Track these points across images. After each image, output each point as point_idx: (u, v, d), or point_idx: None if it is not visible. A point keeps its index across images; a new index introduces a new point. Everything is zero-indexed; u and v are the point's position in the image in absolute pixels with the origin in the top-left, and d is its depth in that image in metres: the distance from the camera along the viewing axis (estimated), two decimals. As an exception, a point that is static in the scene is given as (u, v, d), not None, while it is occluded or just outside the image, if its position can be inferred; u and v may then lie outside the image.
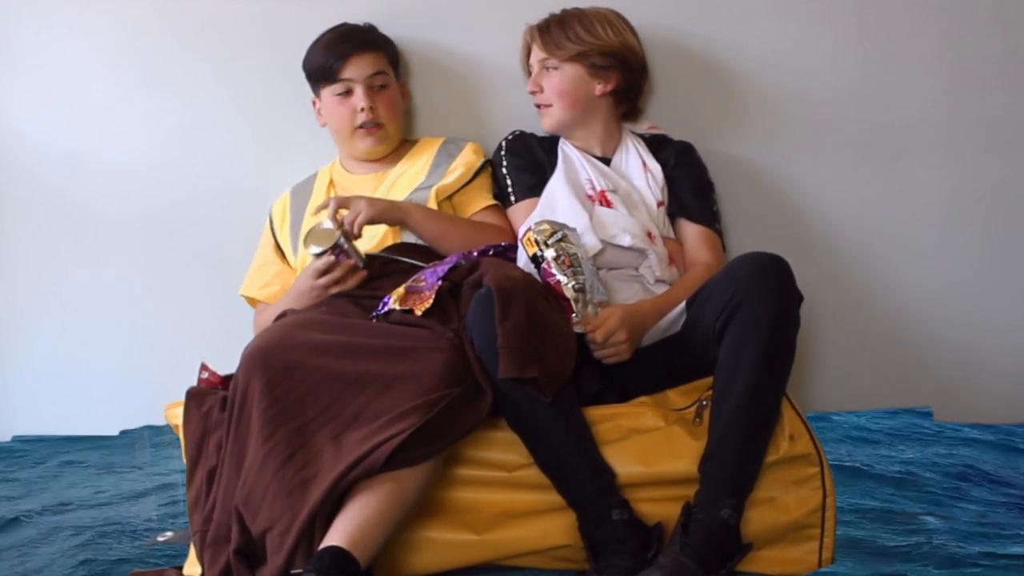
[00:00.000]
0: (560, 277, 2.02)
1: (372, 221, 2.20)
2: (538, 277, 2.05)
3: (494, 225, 2.32)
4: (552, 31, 2.31)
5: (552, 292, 2.03)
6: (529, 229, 2.08)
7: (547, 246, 2.04)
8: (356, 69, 2.34)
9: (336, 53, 2.33)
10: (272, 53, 2.52)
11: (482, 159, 2.39)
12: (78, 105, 2.58)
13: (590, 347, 2.05)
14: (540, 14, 2.36)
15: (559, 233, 2.06)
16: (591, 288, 2.05)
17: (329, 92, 2.36)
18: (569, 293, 2.02)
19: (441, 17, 2.51)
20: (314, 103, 2.42)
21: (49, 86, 2.58)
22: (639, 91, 2.41)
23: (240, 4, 2.53)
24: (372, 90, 2.34)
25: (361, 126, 2.35)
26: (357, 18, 2.42)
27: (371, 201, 2.21)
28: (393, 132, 2.39)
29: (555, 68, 2.31)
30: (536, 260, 2.05)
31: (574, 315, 2.02)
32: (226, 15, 2.55)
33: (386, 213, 2.21)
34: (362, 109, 2.33)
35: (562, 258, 2.03)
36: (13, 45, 2.59)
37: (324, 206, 2.21)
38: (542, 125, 2.37)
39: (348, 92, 2.34)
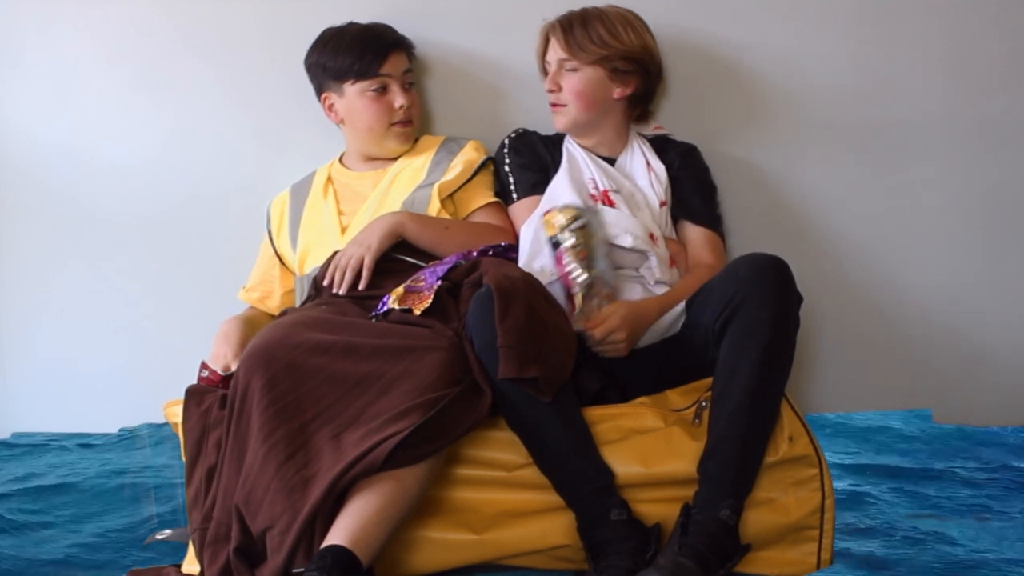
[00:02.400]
0: (570, 268, 2.02)
1: (378, 255, 2.18)
2: (554, 286, 2.04)
3: (492, 225, 2.31)
4: (575, 31, 2.28)
5: (559, 272, 2.02)
6: (553, 209, 2.05)
7: (566, 231, 2.03)
8: (393, 66, 2.34)
9: (374, 49, 2.33)
10: (273, 53, 2.52)
11: (483, 156, 2.39)
12: (78, 105, 2.59)
13: (587, 341, 2.05)
14: (545, 13, 2.35)
15: (582, 219, 2.04)
16: (604, 276, 2.05)
17: (359, 89, 2.34)
18: (575, 287, 2.02)
19: (443, 16, 2.51)
20: (324, 100, 2.40)
21: (50, 86, 2.59)
22: (654, 94, 2.39)
23: (241, 4, 2.54)
24: (405, 88, 2.36)
25: (396, 123, 2.35)
26: (359, 18, 2.41)
27: (367, 244, 2.18)
28: (417, 130, 2.42)
29: (575, 69, 2.29)
30: (553, 242, 2.04)
31: (576, 311, 2.02)
32: (227, 15, 2.55)
33: (385, 241, 2.20)
34: (400, 106, 2.34)
35: (579, 248, 2.02)
36: (14, 45, 2.59)
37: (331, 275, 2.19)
38: (555, 124, 2.35)
39: (383, 89, 2.34)
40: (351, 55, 2.33)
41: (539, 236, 2.12)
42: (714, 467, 1.89)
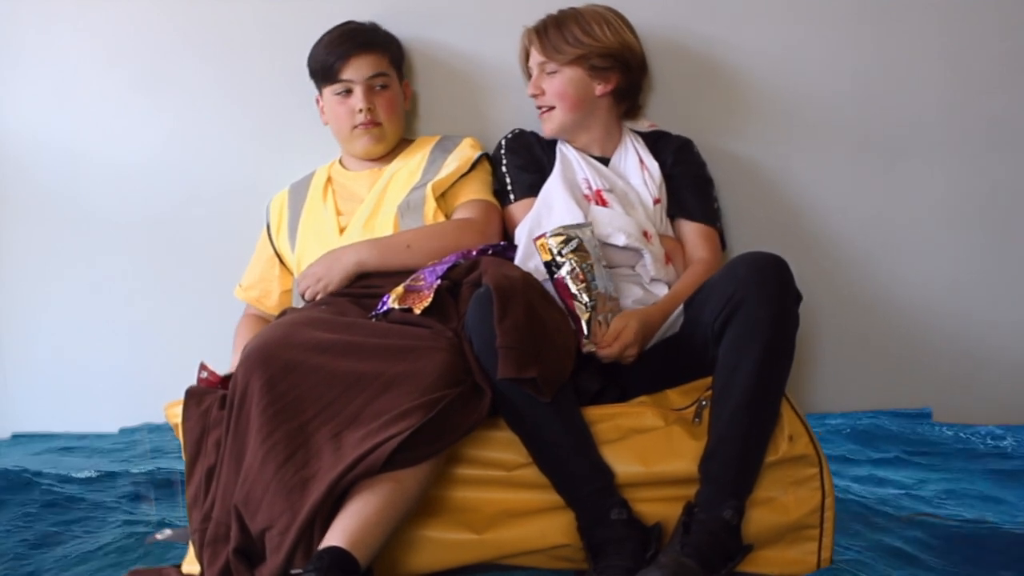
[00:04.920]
0: (573, 292, 2.03)
1: (335, 292, 2.21)
2: (549, 284, 2.05)
3: (460, 221, 2.29)
4: (550, 34, 2.30)
5: (561, 299, 2.03)
6: (543, 235, 2.06)
7: (561, 256, 2.03)
8: (356, 70, 2.34)
9: (336, 53, 2.34)
10: (273, 52, 2.53)
11: (478, 152, 2.39)
12: (79, 105, 2.59)
13: (597, 354, 2.05)
14: (543, 13, 2.36)
15: (574, 241, 2.04)
16: (606, 291, 2.05)
17: (330, 92, 2.36)
18: (581, 312, 2.02)
19: (443, 16, 2.51)
20: (318, 100, 2.43)
21: (50, 86, 2.58)
22: (639, 89, 2.41)
23: (241, 4, 2.54)
24: (372, 91, 2.35)
25: (358, 125, 2.35)
26: (360, 17, 2.42)
27: (326, 282, 2.21)
28: (391, 132, 2.39)
29: (555, 72, 2.30)
30: (549, 268, 2.05)
31: (584, 337, 2.02)
32: (227, 14, 2.55)
33: (344, 281, 2.21)
34: (360, 110, 2.33)
35: (576, 272, 2.03)
36: (14, 45, 2.59)
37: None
38: (544, 130, 2.36)
39: (348, 92, 2.35)
40: (322, 58, 2.36)
41: (532, 248, 2.12)
42: (715, 467, 1.89)
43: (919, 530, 2.16)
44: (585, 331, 2.03)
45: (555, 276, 2.04)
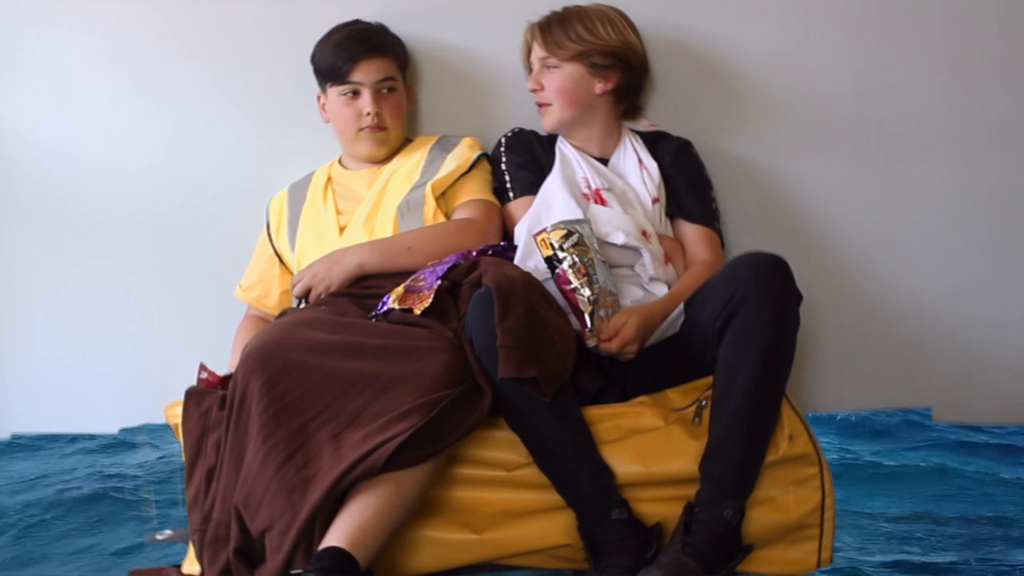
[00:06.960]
0: (574, 286, 2.03)
1: (342, 286, 2.21)
2: (549, 283, 2.05)
3: (461, 222, 2.29)
4: (553, 30, 2.31)
5: (563, 294, 2.03)
6: (544, 230, 2.07)
7: (563, 251, 2.03)
8: (365, 73, 2.33)
9: (346, 55, 2.33)
10: (274, 53, 2.52)
11: (477, 152, 2.38)
12: (78, 106, 2.58)
13: (596, 348, 2.05)
14: (544, 12, 2.36)
15: (574, 236, 2.04)
16: (606, 286, 2.05)
17: (336, 92, 2.36)
18: (584, 306, 2.02)
19: (444, 15, 2.51)
20: (319, 97, 2.42)
21: (49, 87, 2.58)
22: (639, 89, 2.41)
23: (241, 4, 2.53)
24: (379, 95, 2.34)
25: (364, 128, 2.35)
26: (360, 16, 2.41)
27: (327, 282, 2.22)
28: (395, 136, 2.40)
29: (555, 67, 2.31)
30: (550, 263, 2.05)
31: (587, 329, 2.02)
32: (227, 15, 2.54)
33: (345, 283, 2.21)
34: (367, 114, 2.33)
35: (577, 266, 2.03)
36: (13, 45, 2.58)
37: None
38: (543, 125, 2.37)
39: (355, 94, 2.34)
40: (330, 58, 2.35)
41: (531, 246, 2.12)
42: (716, 467, 1.89)
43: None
44: (588, 324, 2.03)
45: (556, 271, 2.04)
